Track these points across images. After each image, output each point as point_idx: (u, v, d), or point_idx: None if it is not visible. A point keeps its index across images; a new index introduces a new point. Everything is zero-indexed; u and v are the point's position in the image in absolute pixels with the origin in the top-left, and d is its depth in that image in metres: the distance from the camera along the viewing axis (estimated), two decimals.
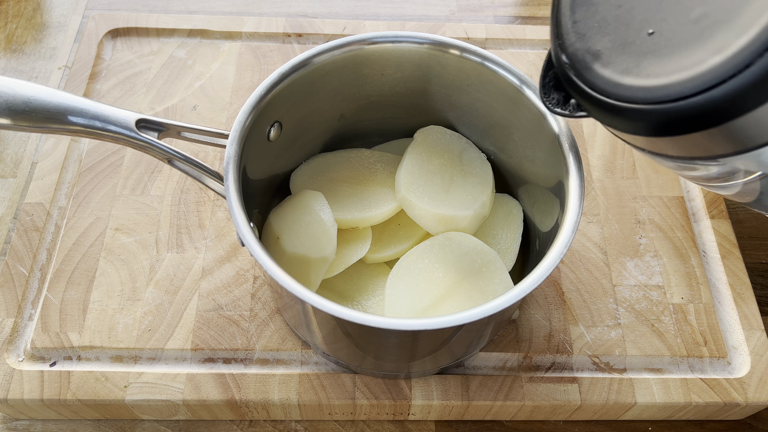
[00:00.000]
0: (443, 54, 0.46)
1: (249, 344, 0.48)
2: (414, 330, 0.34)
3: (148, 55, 0.64)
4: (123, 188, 0.55)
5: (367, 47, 0.46)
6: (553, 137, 0.43)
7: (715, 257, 0.54)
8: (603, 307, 0.51)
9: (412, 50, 0.46)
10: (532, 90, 0.44)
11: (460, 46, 0.46)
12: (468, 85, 0.48)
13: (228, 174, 0.39)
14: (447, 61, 0.47)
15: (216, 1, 0.75)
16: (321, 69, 0.45)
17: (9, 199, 0.58)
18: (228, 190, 0.38)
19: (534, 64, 0.65)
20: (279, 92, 0.44)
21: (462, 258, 0.46)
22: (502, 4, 0.78)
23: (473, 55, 0.46)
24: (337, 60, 0.46)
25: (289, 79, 0.44)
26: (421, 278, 0.45)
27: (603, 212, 0.56)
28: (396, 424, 0.49)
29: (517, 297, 0.35)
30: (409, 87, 0.50)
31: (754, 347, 0.49)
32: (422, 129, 0.52)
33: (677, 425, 0.50)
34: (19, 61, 0.69)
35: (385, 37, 0.46)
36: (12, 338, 0.48)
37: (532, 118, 0.44)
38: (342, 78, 0.47)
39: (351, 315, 0.35)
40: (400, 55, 0.47)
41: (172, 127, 0.42)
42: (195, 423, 0.49)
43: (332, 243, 0.45)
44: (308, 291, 0.35)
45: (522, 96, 0.45)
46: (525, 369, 0.48)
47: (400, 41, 0.46)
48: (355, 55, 0.46)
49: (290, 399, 0.46)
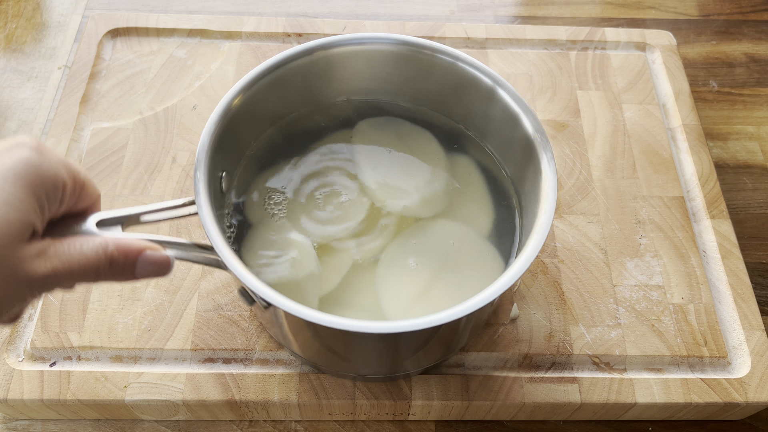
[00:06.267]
0: (416, 54, 0.48)
1: (249, 344, 0.48)
2: (387, 333, 0.35)
3: (148, 55, 0.64)
4: (123, 188, 0.55)
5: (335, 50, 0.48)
6: (526, 137, 0.44)
7: (716, 257, 0.54)
8: (603, 307, 0.51)
9: (380, 51, 0.48)
10: (505, 90, 0.45)
11: (431, 46, 0.47)
12: (442, 85, 0.49)
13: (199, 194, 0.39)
14: (420, 62, 0.48)
15: (216, 1, 0.75)
16: (292, 70, 0.47)
17: None
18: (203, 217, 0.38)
19: (534, 64, 0.65)
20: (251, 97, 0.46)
21: (437, 242, 0.47)
22: (502, 4, 0.78)
23: (446, 56, 0.47)
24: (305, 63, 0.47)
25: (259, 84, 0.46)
26: (405, 270, 0.46)
27: (603, 212, 0.56)
28: (396, 424, 0.49)
29: (492, 296, 0.36)
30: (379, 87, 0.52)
31: (754, 347, 0.49)
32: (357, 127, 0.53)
33: (677, 425, 0.50)
34: (18, 61, 0.69)
35: (352, 40, 0.48)
36: (12, 338, 0.48)
37: (506, 118, 0.46)
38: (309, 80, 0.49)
39: (319, 317, 0.35)
40: (370, 56, 0.49)
41: (132, 217, 0.36)
42: (195, 423, 0.49)
43: (312, 258, 0.45)
44: (279, 295, 0.36)
45: (495, 95, 0.46)
46: (525, 369, 0.48)
47: (366, 43, 0.48)
48: (322, 58, 0.48)
49: (290, 399, 0.46)
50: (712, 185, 0.58)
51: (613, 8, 0.79)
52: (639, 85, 0.65)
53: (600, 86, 0.64)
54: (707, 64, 0.74)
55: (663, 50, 0.67)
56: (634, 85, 0.65)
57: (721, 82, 0.72)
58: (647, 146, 0.60)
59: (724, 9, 0.79)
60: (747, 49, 0.75)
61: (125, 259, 0.31)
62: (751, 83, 0.72)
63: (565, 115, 0.62)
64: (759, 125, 0.69)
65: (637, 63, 0.67)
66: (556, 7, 0.78)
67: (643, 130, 0.61)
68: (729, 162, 0.66)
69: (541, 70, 0.65)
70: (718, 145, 0.67)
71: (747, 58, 0.75)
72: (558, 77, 0.65)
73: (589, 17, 0.77)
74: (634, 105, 0.63)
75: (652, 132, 0.61)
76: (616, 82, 0.65)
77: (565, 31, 0.68)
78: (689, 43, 0.76)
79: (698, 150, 0.60)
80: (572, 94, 0.64)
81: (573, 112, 0.62)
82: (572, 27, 0.68)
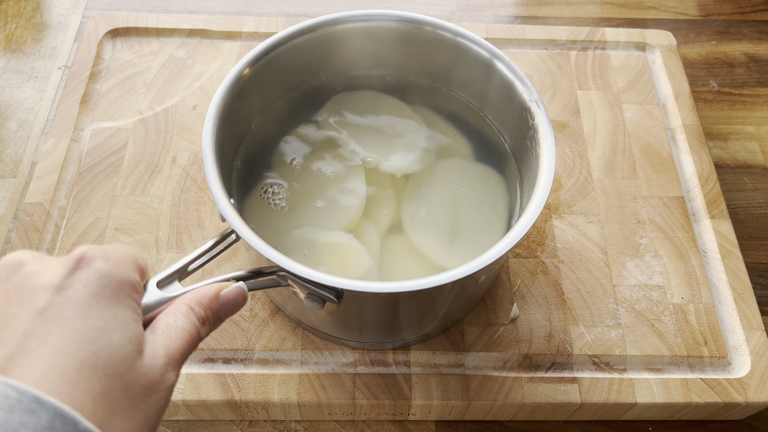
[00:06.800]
0: (418, 30, 0.50)
1: (249, 344, 0.48)
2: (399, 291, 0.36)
3: (148, 55, 0.64)
4: (123, 188, 0.55)
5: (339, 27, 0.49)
6: (522, 105, 0.46)
7: (716, 257, 0.54)
8: (603, 307, 0.51)
9: (384, 27, 0.50)
10: (502, 62, 0.47)
11: (433, 23, 0.49)
12: (441, 59, 0.51)
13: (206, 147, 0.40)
14: (420, 38, 0.50)
15: (216, 1, 0.75)
16: (296, 47, 0.49)
17: (9, 199, 0.58)
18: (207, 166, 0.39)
19: (534, 64, 0.65)
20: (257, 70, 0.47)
21: (441, 186, 0.50)
22: (502, 4, 0.78)
23: (447, 32, 0.49)
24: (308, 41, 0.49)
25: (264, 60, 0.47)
26: (428, 219, 0.48)
27: (603, 212, 0.56)
28: (396, 424, 0.49)
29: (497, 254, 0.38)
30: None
31: (754, 347, 0.49)
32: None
33: (677, 425, 0.50)
34: (18, 61, 0.69)
35: (357, 17, 0.49)
36: None
37: (503, 87, 0.47)
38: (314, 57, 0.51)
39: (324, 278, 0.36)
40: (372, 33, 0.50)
41: (181, 269, 0.36)
42: (195, 423, 0.49)
43: (365, 252, 0.46)
44: (278, 253, 0.36)
45: (493, 67, 0.48)
46: (525, 369, 0.48)
47: (371, 19, 0.50)
48: (327, 34, 0.49)
49: (290, 399, 0.46)
50: (712, 185, 0.58)
51: (613, 8, 0.79)
52: (639, 85, 0.65)
53: (600, 86, 0.64)
54: (707, 64, 0.74)
55: (663, 50, 0.67)
56: (634, 85, 0.65)
57: (721, 82, 0.72)
58: (647, 146, 0.60)
59: (724, 9, 0.79)
60: (747, 49, 0.75)
61: (210, 310, 0.31)
62: (751, 83, 0.72)
63: (565, 115, 0.62)
64: (759, 125, 0.69)
65: (637, 63, 0.67)
66: (556, 7, 0.78)
67: (643, 130, 0.61)
68: (729, 162, 0.66)
69: (541, 70, 0.65)
70: (718, 145, 0.67)
71: (747, 58, 0.75)
72: (558, 77, 0.65)
73: (589, 17, 0.77)
74: (634, 105, 0.63)
75: (652, 132, 0.61)
76: (616, 82, 0.65)
77: (565, 31, 0.68)
78: (689, 43, 0.76)
79: (698, 150, 0.60)
80: (572, 94, 0.64)
81: (573, 112, 0.62)
82: (572, 27, 0.68)
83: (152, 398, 0.27)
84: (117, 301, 0.27)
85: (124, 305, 0.28)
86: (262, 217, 0.47)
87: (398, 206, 0.49)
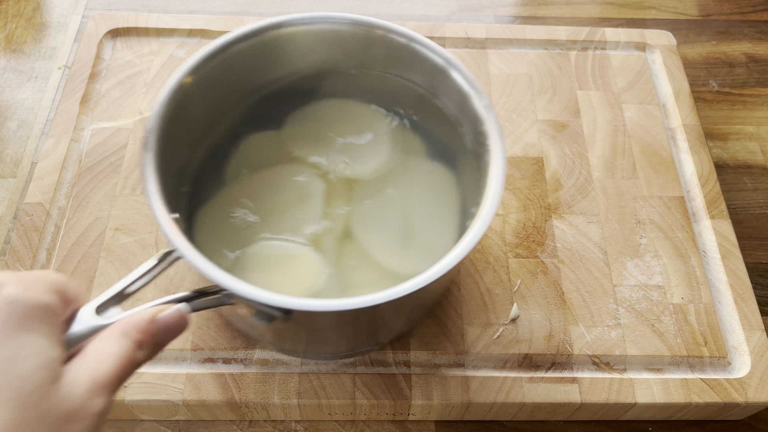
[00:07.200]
0: (368, 33, 0.48)
1: (249, 344, 0.48)
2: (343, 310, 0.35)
3: (148, 55, 0.64)
4: (123, 188, 0.55)
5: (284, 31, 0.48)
6: (475, 116, 0.44)
7: (716, 257, 0.54)
8: (603, 307, 0.51)
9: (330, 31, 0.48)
10: (457, 70, 0.45)
11: (384, 26, 0.48)
12: (391, 65, 0.50)
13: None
14: (371, 42, 0.49)
15: (216, 1, 0.75)
16: (237, 55, 0.47)
17: (9, 199, 0.58)
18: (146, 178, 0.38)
19: (534, 64, 0.65)
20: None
21: (388, 194, 0.49)
22: (502, 4, 0.78)
23: (399, 36, 0.48)
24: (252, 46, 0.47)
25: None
26: (379, 222, 0.48)
27: (603, 212, 0.56)
28: (396, 424, 0.49)
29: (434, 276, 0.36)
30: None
31: (754, 347, 0.49)
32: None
33: (677, 425, 0.50)
34: (18, 61, 0.69)
35: (303, 20, 0.48)
36: None
37: (455, 92, 0.46)
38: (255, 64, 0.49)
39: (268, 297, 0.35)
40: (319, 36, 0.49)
41: (119, 294, 0.35)
42: (195, 423, 0.49)
43: (320, 262, 0.46)
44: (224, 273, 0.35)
45: (447, 75, 0.46)
46: (525, 369, 0.48)
47: (315, 22, 0.48)
48: (272, 39, 0.48)
49: (290, 399, 0.46)
50: (712, 185, 0.58)
51: (613, 8, 0.79)
52: (639, 85, 0.65)
53: (600, 86, 0.64)
54: (707, 64, 0.74)
55: (663, 50, 0.67)
56: (634, 85, 0.65)
57: (721, 82, 0.72)
58: (647, 146, 0.60)
59: (724, 9, 0.79)
60: (747, 49, 0.75)
61: (147, 334, 0.30)
62: (751, 83, 0.72)
63: (565, 115, 0.62)
64: (759, 125, 0.69)
65: (637, 63, 0.67)
66: (556, 7, 0.78)
67: (643, 130, 0.61)
68: (729, 162, 0.66)
69: (541, 70, 0.65)
70: (718, 145, 0.67)
71: (747, 58, 0.75)
72: (558, 77, 0.65)
73: (589, 17, 0.77)
74: (634, 105, 0.63)
75: (652, 132, 0.61)
76: (616, 82, 0.65)
77: (565, 31, 0.68)
78: (689, 43, 0.76)
79: (698, 150, 0.60)
80: (572, 94, 0.64)
81: (573, 112, 0.62)
82: (572, 27, 0.68)
83: (74, 426, 0.25)
84: (28, 327, 0.26)
85: (36, 331, 0.26)
86: (218, 233, 0.47)
87: (351, 212, 0.49)
